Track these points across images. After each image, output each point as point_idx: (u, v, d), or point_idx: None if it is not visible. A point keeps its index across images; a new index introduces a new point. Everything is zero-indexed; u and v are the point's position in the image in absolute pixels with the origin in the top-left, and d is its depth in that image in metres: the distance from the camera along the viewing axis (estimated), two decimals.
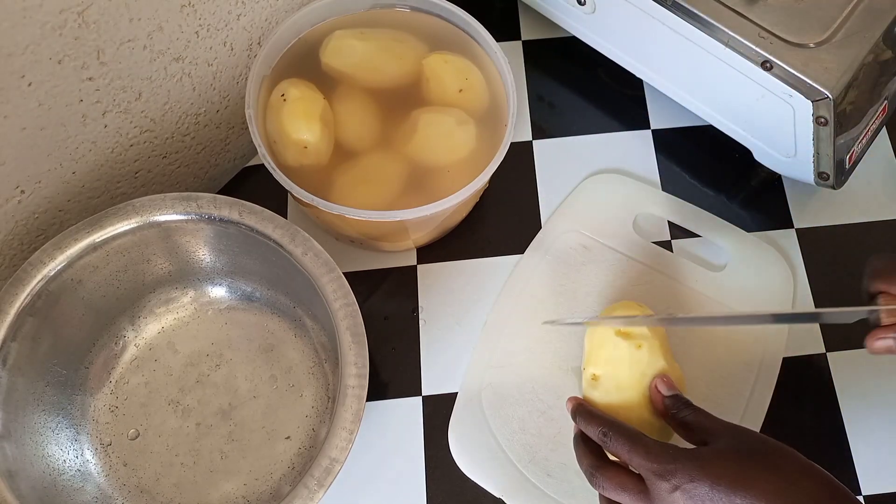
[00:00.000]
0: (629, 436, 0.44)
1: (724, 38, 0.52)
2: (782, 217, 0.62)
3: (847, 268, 0.60)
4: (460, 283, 0.59)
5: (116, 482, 0.52)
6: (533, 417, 0.54)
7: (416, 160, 0.55)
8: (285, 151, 0.53)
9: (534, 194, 0.62)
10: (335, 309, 0.48)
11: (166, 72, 0.52)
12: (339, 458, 0.44)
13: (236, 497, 0.52)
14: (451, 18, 0.57)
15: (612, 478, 0.44)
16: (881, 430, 0.55)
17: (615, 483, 0.44)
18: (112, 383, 0.54)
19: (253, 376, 0.55)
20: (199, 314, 0.57)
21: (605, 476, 0.44)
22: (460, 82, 0.56)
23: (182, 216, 0.51)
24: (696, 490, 0.40)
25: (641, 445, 0.43)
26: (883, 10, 0.52)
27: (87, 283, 0.51)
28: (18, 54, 0.42)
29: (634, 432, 0.45)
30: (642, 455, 0.43)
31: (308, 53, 0.57)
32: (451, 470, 0.53)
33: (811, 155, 0.54)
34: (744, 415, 0.54)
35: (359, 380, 0.46)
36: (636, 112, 0.66)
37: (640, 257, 0.59)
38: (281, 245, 0.50)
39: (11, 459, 0.46)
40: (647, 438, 0.44)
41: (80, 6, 0.43)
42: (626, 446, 0.44)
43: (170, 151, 0.57)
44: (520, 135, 0.65)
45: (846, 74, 0.50)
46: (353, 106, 0.56)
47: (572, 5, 0.60)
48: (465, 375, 0.56)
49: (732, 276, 0.58)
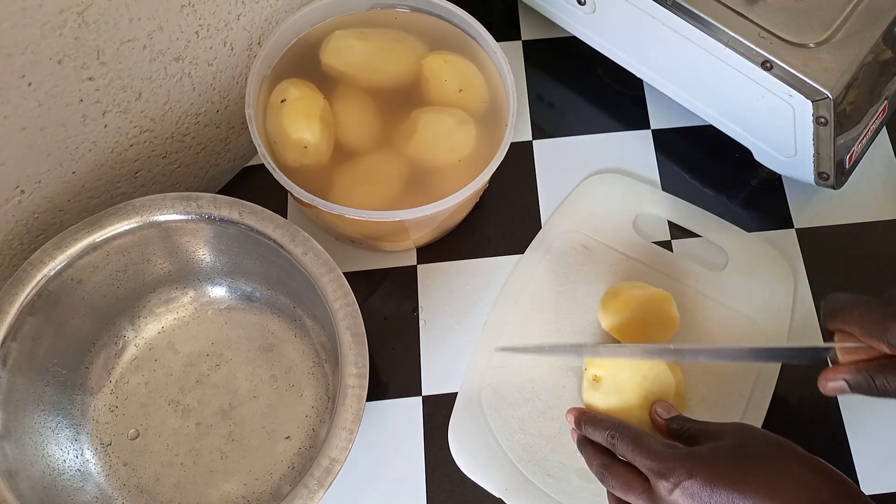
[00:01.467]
0: (634, 436, 0.45)
1: (724, 38, 0.52)
2: (782, 217, 0.62)
3: (847, 268, 0.60)
4: (460, 283, 0.59)
5: (116, 482, 0.52)
6: (533, 417, 0.54)
7: (416, 160, 0.55)
8: (285, 151, 0.53)
9: (534, 194, 0.62)
10: (335, 309, 0.48)
11: (166, 72, 0.52)
12: (339, 458, 0.44)
13: (236, 497, 0.52)
14: (451, 18, 0.57)
15: (620, 476, 0.45)
16: (881, 430, 0.55)
17: (622, 482, 0.45)
18: (112, 383, 0.54)
19: (253, 376, 0.55)
20: (199, 314, 0.57)
21: (613, 475, 0.45)
22: (460, 82, 0.56)
23: (182, 216, 0.51)
24: (693, 487, 0.41)
25: (644, 445, 0.44)
26: (883, 10, 0.52)
27: (87, 282, 0.51)
28: (18, 54, 0.42)
29: (639, 432, 0.45)
30: (645, 455, 0.43)
31: (308, 53, 0.57)
32: (451, 470, 0.53)
33: (811, 155, 0.54)
34: (744, 415, 0.54)
35: (359, 380, 0.46)
36: (636, 112, 0.66)
37: (640, 257, 0.59)
38: (281, 245, 0.50)
39: (11, 459, 0.46)
40: (650, 438, 0.44)
41: (80, 6, 0.43)
42: (631, 446, 0.45)
43: (170, 151, 0.57)
44: (520, 135, 0.65)
45: (846, 74, 0.50)
46: (353, 106, 0.56)
47: (572, 5, 0.60)
48: (465, 375, 0.56)
49: (732, 276, 0.58)
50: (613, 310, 0.54)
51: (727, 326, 0.57)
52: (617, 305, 0.54)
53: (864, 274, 0.60)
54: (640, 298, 0.54)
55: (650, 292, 0.54)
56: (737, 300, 0.58)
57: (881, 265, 0.60)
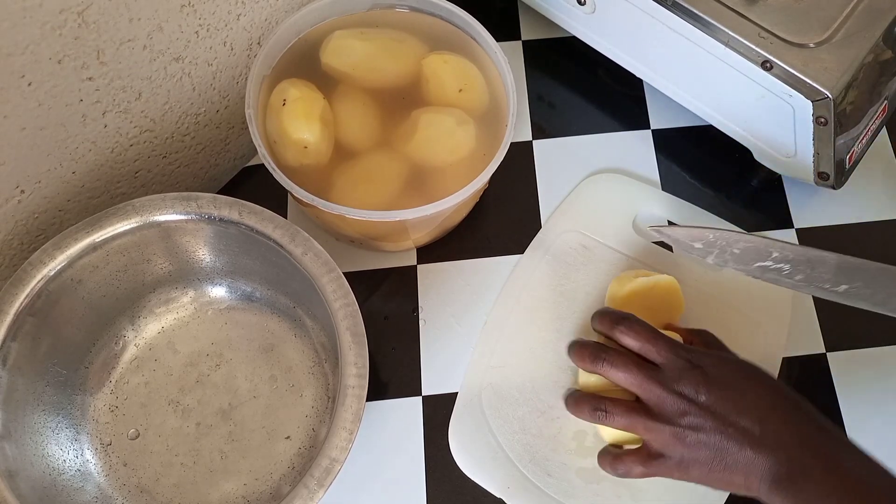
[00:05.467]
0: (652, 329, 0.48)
1: (724, 38, 0.52)
2: (782, 217, 0.62)
3: None
4: (460, 283, 0.59)
5: (116, 482, 0.52)
6: (533, 417, 0.54)
7: (416, 160, 0.55)
8: (285, 151, 0.53)
9: (534, 194, 0.62)
10: (335, 309, 0.48)
11: (166, 72, 0.52)
12: (339, 458, 0.44)
13: (236, 497, 0.52)
14: (451, 18, 0.57)
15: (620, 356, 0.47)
16: (881, 430, 0.55)
17: (623, 360, 0.47)
18: (112, 383, 0.54)
19: (253, 376, 0.55)
20: (199, 314, 0.57)
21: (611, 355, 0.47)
22: (460, 82, 0.56)
23: (182, 216, 0.51)
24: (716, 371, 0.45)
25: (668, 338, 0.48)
26: (883, 10, 0.52)
27: (87, 282, 0.51)
28: (18, 54, 0.42)
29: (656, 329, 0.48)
30: (669, 342, 0.47)
31: (308, 53, 0.57)
32: (451, 470, 0.53)
33: (811, 155, 0.54)
34: None
35: (359, 380, 0.46)
36: (636, 112, 0.66)
37: (640, 257, 0.59)
38: (281, 245, 0.50)
39: (11, 459, 0.46)
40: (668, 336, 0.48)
41: (79, 6, 0.43)
42: (650, 332, 0.47)
43: (170, 151, 0.57)
44: (520, 135, 0.65)
45: (846, 74, 0.50)
46: (353, 106, 0.56)
47: (572, 5, 0.60)
48: (465, 375, 0.56)
49: (732, 276, 0.58)
50: (621, 301, 0.54)
51: (727, 326, 0.57)
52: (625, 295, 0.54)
53: None
54: (647, 285, 0.54)
55: (655, 278, 0.54)
56: (737, 300, 0.58)
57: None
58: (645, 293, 0.54)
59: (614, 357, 0.47)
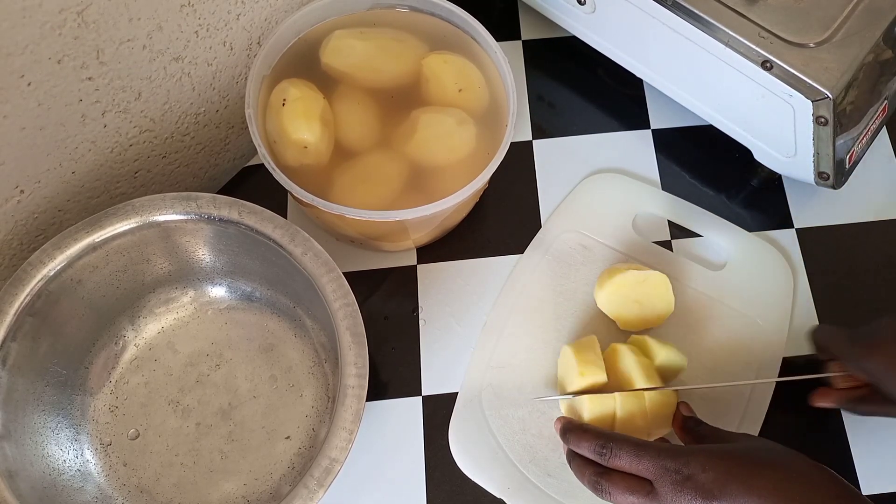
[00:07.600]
0: (634, 442, 0.44)
1: (724, 38, 0.52)
2: (782, 217, 0.62)
3: (847, 268, 0.60)
4: (460, 283, 0.59)
5: (116, 482, 0.52)
6: (533, 417, 0.54)
7: (416, 160, 0.55)
8: (285, 151, 0.53)
9: (534, 194, 0.62)
10: (335, 309, 0.48)
11: (166, 72, 0.52)
12: (339, 458, 0.44)
13: (236, 497, 0.52)
14: (451, 18, 0.57)
15: (619, 482, 0.44)
16: (881, 430, 0.55)
17: (623, 486, 0.44)
18: (112, 383, 0.54)
19: (253, 376, 0.55)
20: (198, 314, 0.57)
21: (611, 482, 0.45)
22: (460, 82, 0.56)
23: (182, 216, 0.51)
24: (705, 480, 0.41)
25: (651, 448, 0.44)
26: (883, 10, 0.52)
27: (86, 283, 0.51)
28: (18, 54, 0.42)
29: (637, 439, 0.45)
30: (654, 455, 0.43)
31: (308, 53, 0.56)
32: (451, 470, 0.53)
33: (811, 155, 0.54)
34: (744, 415, 0.54)
35: (359, 380, 0.46)
36: (636, 112, 0.66)
37: (640, 257, 0.59)
38: (281, 245, 0.50)
39: (11, 459, 0.46)
40: (653, 442, 0.45)
41: (79, 6, 0.43)
42: (633, 451, 0.44)
43: (169, 151, 0.57)
44: (520, 135, 0.65)
45: (846, 74, 0.50)
46: (353, 106, 0.56)
47: (572, 5, 0.60)
48: (465, 375, 0.56)
49: (732, 276, 0.58)
50: (609, 290, 0.54)
51: (727, 326, 0.57)
52: (612, 285, 0.54)
53: (864, 274, 0.60)
54: (637, 278, 0.54)
55: (646, 273, 0.54)
56: (737, 300, 0.58)
57: (881, 265, 0.60)
58: (633, 286, 0.54)
59: (611, 486, 0.45)
